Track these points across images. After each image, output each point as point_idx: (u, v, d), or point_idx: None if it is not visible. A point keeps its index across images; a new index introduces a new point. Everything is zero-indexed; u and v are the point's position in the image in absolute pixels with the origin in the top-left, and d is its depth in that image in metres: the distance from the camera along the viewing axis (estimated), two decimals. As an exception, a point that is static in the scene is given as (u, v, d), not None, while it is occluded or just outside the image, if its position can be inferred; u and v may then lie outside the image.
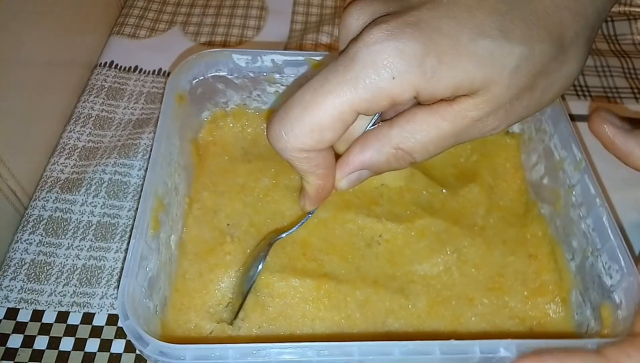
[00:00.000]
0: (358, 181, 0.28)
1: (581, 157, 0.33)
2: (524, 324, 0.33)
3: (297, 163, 0.26)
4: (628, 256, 0.28)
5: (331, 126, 0.24)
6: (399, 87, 0.22)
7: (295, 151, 0.25)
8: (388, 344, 0.25)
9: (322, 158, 0.26)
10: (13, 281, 0.37)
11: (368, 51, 0.22)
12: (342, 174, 0.27)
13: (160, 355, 0.24)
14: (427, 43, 0.22)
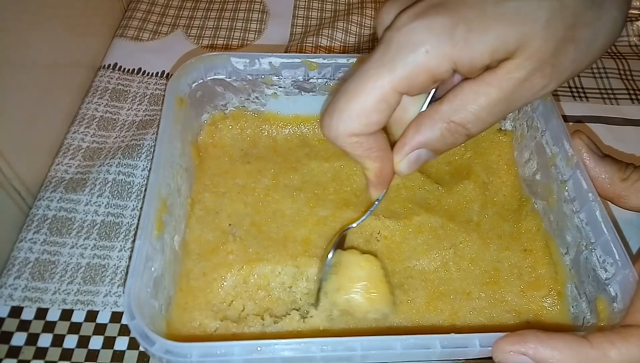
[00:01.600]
0: (418, 163, 0.28)
1: (573, 152, 0.34)
2: (520, 317, 0.34)
3: (350, 149, 0.27)
4: (622, 249, 0.29)
5: (376, 108, 0.25)
6: (434, 61, 0.24)
7: (347, 137, 0.26)
8: (390, 338, 0.26)
9: (373, 140, 0.27)
10: (17, 279, 0.37)
11: (399, 33, 0.24)
12: (400, 156, 0.28)
13: (167, 354, 0.25)
14: (453, 16, 0.23)
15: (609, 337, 0.24)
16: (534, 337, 0.24)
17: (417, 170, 0.40)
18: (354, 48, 0.57)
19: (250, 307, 0.34)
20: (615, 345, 0.23)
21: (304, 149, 0.43)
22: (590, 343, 0.23)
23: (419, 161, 0.28)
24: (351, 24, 0.59)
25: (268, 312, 0.33)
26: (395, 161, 0.28)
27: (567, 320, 0.33)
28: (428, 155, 0.28)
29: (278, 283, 0.35)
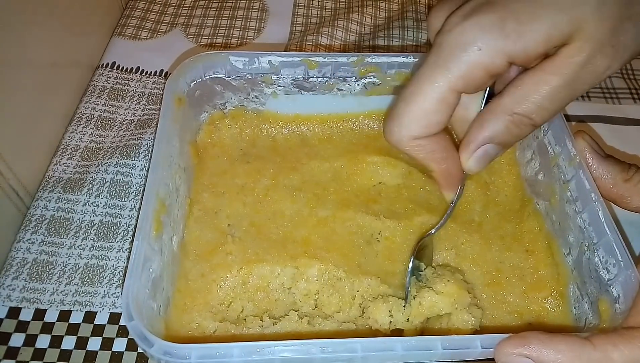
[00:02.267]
0: (486, 159, 0.28)
1: (575, 153, 0.33)
2: (522, 318, 0.34)
3: (414, 153, 0.28)
4: (625, 250, 0.29)
5: (435, 109, 0.26)
6: (487, 56, 0.24)
7: (409, 140, 0.27)
8: (391, 340, 0.26)
9: (436, 142, 0.28)
10: (15, 280, 0.37)
11: (450, 35, 0.25)
12: (467, 154, 0.28)
13: (165, 355, 0.25)
14: (501, 11, 0.24)
15: (612, 338, 0.24)
16: (536, 339, 0.24)
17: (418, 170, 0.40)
18: (354, 47, 0.57)
19: (249, 308, 0.34)
20: (618, 346, 0.23)
21: (304, 149, 0.42)
22: (593, 345, 0.23)
23: (487, 157, 0.28)
24: (351, 22, 0.59)
25: (267, 313, 0.33)
26: (463, 160, 0.28)
27: (569, 321, 0.33)
28: (495, 150, 0.27)
29: (277, 284, 0.35)
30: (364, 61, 0.38)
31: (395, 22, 0.60)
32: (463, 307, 0.31)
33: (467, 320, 0.31)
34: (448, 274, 0.33)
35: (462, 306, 0.31)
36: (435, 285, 0.32)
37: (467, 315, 0.31)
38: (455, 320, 0.31)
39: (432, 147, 0.28)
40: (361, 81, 0.40)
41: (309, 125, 0.43)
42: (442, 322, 0.32)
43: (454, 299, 0.31)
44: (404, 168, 0.41)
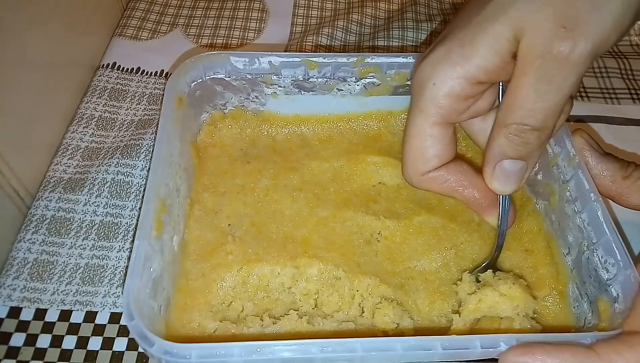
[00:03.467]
0: (510, 176, 0.27)
1: (575, 153, 0.33)
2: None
3: (431, 187, 0.30)
4: (624, 249, 0.29)
5: (427, 145, 0.28)
6: (445, 87, 0.27)
7: (419, 178, 0.30)
8: (390, 340, 0.26)
9: (447, 173, 0.29)
10: (16, 280, 0.37)
11: (415, 77, 0.28)
12: (488, 175, 0.28)
13: (166, 355, 0.25)
14: (448, 43, 0.26)
15: (615, 346, 0.24)
16: (541, 348, 0.24)
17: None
18: (355, 47, 0.57)
19: (249, 308, 0.34)
20: (622, 354, 0.23)
21: (304, 149, 0.42)
22: (597, 354, 0.23)
23: (512, 174, 0.28)
24: (351, 22, 0.59)
25: (267, 313, 0.33)
26: (487, 182, 0.29)
27: (568, 321, 0.33)
28: (516, 165, 0.27)
29: (277, 284, 0.35)
30: (364, 61, 0.39)
31: (394, 22, 0.60)
32: (525, 314, 0.30)
33: (528, 328, 0.30)
34: (512, 278, 0.32)
35: (525, 313, 0.30)
36: (499, 286, 0.31)
37: (530, 322, 0.30)
38: (515, 326, 0.30)
39: (445, 177, 0.29)
40: (361, 82, 0.41)
41: (309, 125, 0.43)
42: (496, 325, 0.31)
43: (517, 304, 0.31)
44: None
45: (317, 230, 0.37)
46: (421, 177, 0.29)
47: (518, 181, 0.28)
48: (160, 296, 0.30)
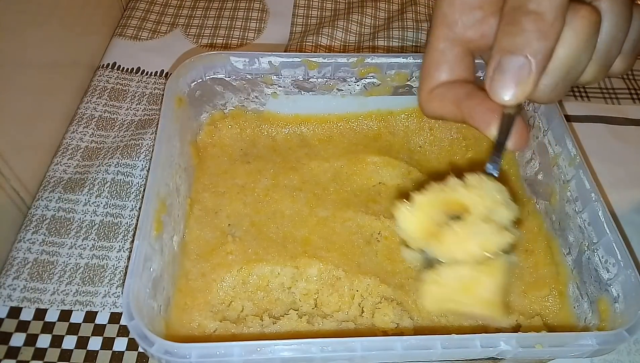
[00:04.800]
0: (511, 77, 0.22)
1: (575, 153, 0.33)
2: (522, 317, 0.34)
3: (435, 108, 0.28)
4: (624, 249, 0.29)
5: (436, 60, 0.27)
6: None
7: (427, 95, 0.28)
8: (390, 339, 0.26)
9: (448, 88, 0.27)
10: (16, 280, 0.37)
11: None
12: (487, 80, 0.23)
13: (166, 354, 0.25)
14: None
15: None
16: None
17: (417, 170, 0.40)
18: (355, 47, 0.57)
19: (249, 308, 0.34)
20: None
21: (304, 149, 0.42)
22: None
23: (508, 73, 0.23)
24: (351, 22, 0.59)
25: (267, 313, 0.33)
26: (487, 88, 0.24)
27: (569, 321, 0.33)
28: (512, 62, 0.23)
29: (277, 284, 0.35)
30: (364, 61, 0.39)
31: (395, 22, 0.60)
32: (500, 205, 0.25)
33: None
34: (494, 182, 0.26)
35: (502, 213, 0.25)
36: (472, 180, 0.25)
37: (508, 228, 0.25)
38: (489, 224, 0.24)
39: (446, 93, 0.27)
40: (361, 82, 0.41)
41: (309, 125, 0.43)
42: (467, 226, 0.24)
43: (488, 197, 0.24)
44: (404, 168, 0.41)
45: (317, 230, 0.37)
46: (427, 96, 0.27)
47: (516, 81, 0.23)
48: (160, 296, 0.30)
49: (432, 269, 0.25)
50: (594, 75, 0.25)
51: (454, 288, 0.24)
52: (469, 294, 0.24)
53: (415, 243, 0.26)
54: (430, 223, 0.25)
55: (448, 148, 0.43)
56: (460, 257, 0.24)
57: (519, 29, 0.23)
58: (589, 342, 0.26)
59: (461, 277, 0.24)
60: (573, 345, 0.26)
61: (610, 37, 0.24)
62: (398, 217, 0.25)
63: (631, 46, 0.25)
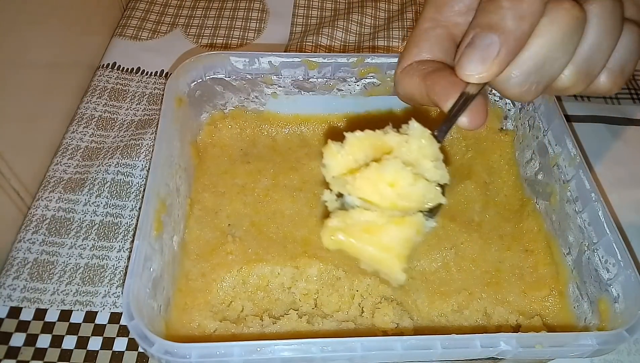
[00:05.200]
0: (478, 54, 0.22)
1: (576, 153, 0.34)
2: (522, 317, 0.34)
3: (405, 84, 0.27)
4: (625, 249, 0.29)
5: (416, 40, 0.27)
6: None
7: (397, 77, 0.28)
8: (390, 339, 0.26)
9: (419, 64, 0.27)
10: (16, 280, 0.37)
11: None
12: (457, 54, 0.23)
13: (166, 354, 0.25)
14: None
15: None
16: None
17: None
18: (355, 47, 0.57)
19: (249, 308, 0.34)
20: None
21: (304, 149, 0.42)
22: None
23: (476, 49, 0.22)
24: (351, 22, 0.59)
25: (267, 313, 0.33)
26: (455, 62, 0.23)
27: (569, 321, 0.33)
28: (483, 39, 0.22)
29: (277, 284, 0.35)
30: (364, 61, 0.39)
31: (395, 22, 0.60)
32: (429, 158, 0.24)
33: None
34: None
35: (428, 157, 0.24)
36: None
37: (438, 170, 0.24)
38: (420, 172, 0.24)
39: (414, 68, 0.26)
40: (361, 82, 0.41)
41: (309, 125, 0.43)
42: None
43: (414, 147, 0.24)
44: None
45: (317, 230, 0.37)
46: (400, 73, 0.27)
47: (483, 59, 0.22)
48: (160, 296, 0.30)
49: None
50: (572, 81, 0.24)
51: (357, 228, 0.24)
52: (371, 236, 0.24)
53: (336, 185, 0.25)
54: (355, 165, 0.25)
55: (448, 148, 0.43)
56: (374, 199, 0.24)
57: (496, 6, 0.22)
58: (589, 342, 0.26)
59: (368, 220, 0.24)
60: (573, 345, 0.26)
61: (594, 44, 0.23)
62: (325, 154, 0.25)
63: (619, 63, 0.24)
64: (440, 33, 0.27)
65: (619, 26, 0.23)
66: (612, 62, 0.24)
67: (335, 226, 0.24)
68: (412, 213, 0.24)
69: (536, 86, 0.23)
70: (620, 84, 0.25)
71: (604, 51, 0.23)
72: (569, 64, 0.23)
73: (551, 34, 0.22)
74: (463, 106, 0.24)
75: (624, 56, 0.24)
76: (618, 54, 0.24)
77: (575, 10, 0.22)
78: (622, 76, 0.25)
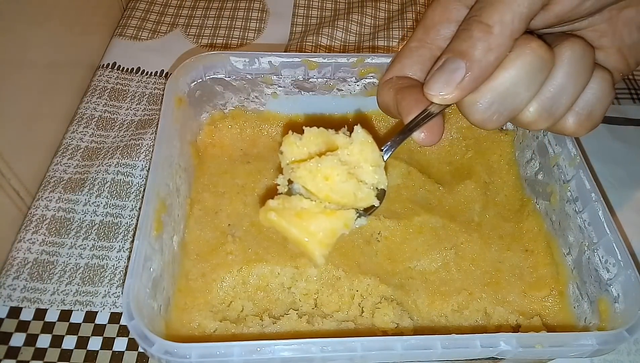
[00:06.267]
0: (443, 76, 0.24)
1: (576, 153, 0.34)
2: (522, 317, 0.34)
3: (384, 96, 0.29)
4: (625, 249, 0.29)
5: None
6: None
7: (379, 87, 0.30)
8: (390, 339, 0.26)
9: (397, 79, 0.28)
10: (16, 280, 0.37)
11: None
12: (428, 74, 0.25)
13: (166, 354, 0.25)
14: None
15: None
16: None
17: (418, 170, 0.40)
18: (355, 47, 0.57)
19: (249, 308, 0.34)
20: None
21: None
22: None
23: (443, 72, 0.24)
24: (351, 22, 0.59)
25: (267, 313, 0.33)
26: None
27: (569, 321, 0.33)
28: (451, 63, 0.24)
29: (277, 284, 0.35)
30: (364, 61, 0.39)
31: (395, 22, 0.60)
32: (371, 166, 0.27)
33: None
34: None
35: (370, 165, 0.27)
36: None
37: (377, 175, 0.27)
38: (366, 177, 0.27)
39: (391, 82, 0.28)
40: (361, 82, 0.41)
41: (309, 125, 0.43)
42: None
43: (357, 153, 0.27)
44: (404, 168, 0.41)
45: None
46: (381, 84, 0.29)
47: (448, 82, 0.23)
48: (160, 296, 0.30)
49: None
50: (535, 117, 0.25)
51: (291, 212, 0.27)
52: (300, 221, 0.26)
53: (288, 172, 0.28)
54: (307, 157, 0.28)
55: (448, 148, 0.43)
56: (312, 189, 0.27)
57: (468, 35, 0.24)
58: (588, 342, 0.26)
59: (304, 207, 0.27)
60: (573, 345, 0.26)
61: (559, 85, 0.24)
62: (284, 143, 0.28)
63: (586, 107, 0.25)
64: (424, 53, 0.28)
65: (586, 72, 0.25)
66: (580, 105, 0.25)
67: (273, 206, 0.27)
68: (346, 209, 0.27)
69: (498, 116, 0.25)
70: (588, 127, 0.26)
71: (569, 94, 0.24)
72: (533, 101, 0.24)
73: (515, 69, 0.23)
74: (421, 122, 0.26)
75: (592, 100, 0.25)
76: (586, 98, 0.25)
77: (542, 50, 0.23)
78: (588, 120, 0.26)
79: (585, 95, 0.25)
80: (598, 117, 0.26)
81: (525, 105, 0.24)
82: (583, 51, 0.24)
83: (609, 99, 0.25)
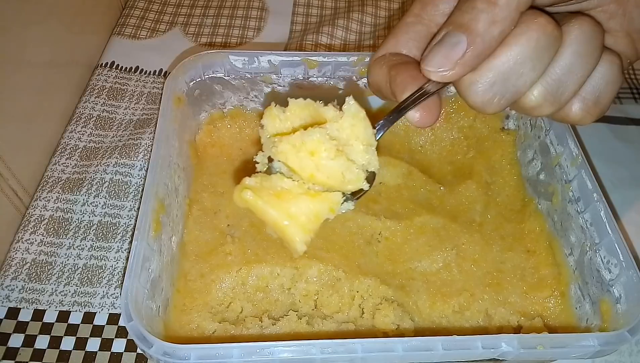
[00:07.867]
0: (442, 51, 0.22)
1: (577, 152, 0.33)
2: (524, 318, 0.33)
3: (375, 74, 0.27)
4: (627, 250, 0.28)
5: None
6: None
7: (370, 65, 0.28)
8: (391, 340, 0.25)
9: (390, 55, 0.26)
10: (14, 280, 0.37)
11: None
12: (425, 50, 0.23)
13: (165, 356, 0.24)
14: None
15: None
16: None
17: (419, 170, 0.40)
18: (355, 46, 0.57)
19: (248, 309, 0.34)
20: None
21: (304, 148, 0.42)
22: None
23: (442, 46, 0.22)
24: (352, 21, 0.59)
25: (266, 314, 0.33)
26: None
27: (571, 321, 0.33)
28: (451, 38, 0.22)
29: (277, 285, 0.34)
30: (365, 60, 0.38)
31: (395, 21, 0.60)
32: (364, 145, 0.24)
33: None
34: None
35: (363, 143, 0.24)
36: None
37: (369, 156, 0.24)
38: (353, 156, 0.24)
39: (385, 59, 0.26)
40: (361, 81, 0.40)
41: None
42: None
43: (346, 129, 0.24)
44: (404, 168, 0.40)
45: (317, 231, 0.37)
46: (374, 62, 0.27)
47: (447, 57, 0.22)
48: (159, 297, 0.30)
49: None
50: (539, 101, 0.23)
51: (270, 192, 0.24)
52: (280, 201, 0.23)
53: (269, 147, 0.25)
54: (290, 131, 0.25)
55: (449, 148, 0.43)
56: (294, 166, 0.24)
57: (470, 6, 0.22)
58: (590, 342, 0.26)
59: (284, 187, 0.24)
60: (575, 346, 0.26)
61: (566, 66, 0.22)
62: (265, 115, 0.25)
63: (593, 92, 0.23)
64: (420, 30, 0.26)
65: (595, 53, 0.23)
66: (587, 90, 0.23)
67: (249, 184, 0.24)
68: (332, 191, 0.24)
69: (499, 98, 0.22)
70: (594, 115, 0.24)
71: (576, 76, 0.23)
72: (538, 83, 0.22)
73: (521, 46, 0.21)
74: (417, 100, 0.24)
75: (600, 85, 0.23)
76: (593, 83, 0.23)
77: (550, 26, 0.21)
78: (596, 106, 0.24)
79: (593, 79, 0.23)
80: (605, 105, 0.24)
81: (529, 87, 0.22)
82: (593, 30, 0.22)
83: (617, 85, 0.24)
